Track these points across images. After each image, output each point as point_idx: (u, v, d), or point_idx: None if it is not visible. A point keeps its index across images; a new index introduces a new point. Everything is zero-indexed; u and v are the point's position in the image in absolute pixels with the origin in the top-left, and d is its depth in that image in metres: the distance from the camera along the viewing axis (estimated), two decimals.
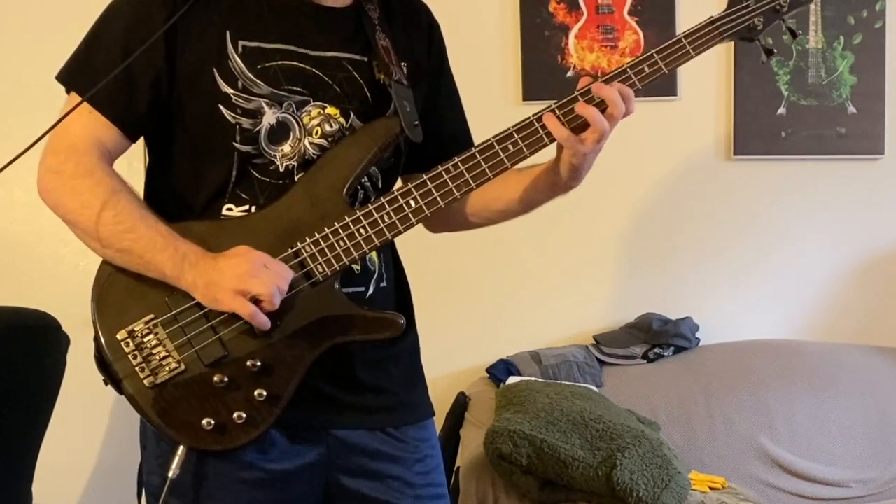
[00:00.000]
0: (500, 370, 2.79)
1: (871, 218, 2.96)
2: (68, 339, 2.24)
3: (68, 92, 1.33)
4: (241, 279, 1.23)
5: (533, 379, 2.68)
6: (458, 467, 2.38)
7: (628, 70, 1.35)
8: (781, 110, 2.93)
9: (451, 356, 2.89)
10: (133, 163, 1.49)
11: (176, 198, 1.36)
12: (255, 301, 1.24)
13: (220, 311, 1.26)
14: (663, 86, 2.92)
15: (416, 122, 1.39)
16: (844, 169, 2.95)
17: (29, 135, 1.28)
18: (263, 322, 1.25)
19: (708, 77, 2.96)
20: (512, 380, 2.68)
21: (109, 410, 2.92)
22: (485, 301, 3.00)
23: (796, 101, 2.92)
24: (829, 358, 2.78)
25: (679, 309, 2.94)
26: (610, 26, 2.94)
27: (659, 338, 2.84)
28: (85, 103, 1.29)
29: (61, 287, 2.83)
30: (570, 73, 2.93)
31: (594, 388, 2.67)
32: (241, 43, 1.32)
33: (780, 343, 2.89)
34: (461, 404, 2.68)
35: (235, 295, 1.23)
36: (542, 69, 2.93)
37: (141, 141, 1.39)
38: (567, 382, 2.66)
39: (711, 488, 2.36)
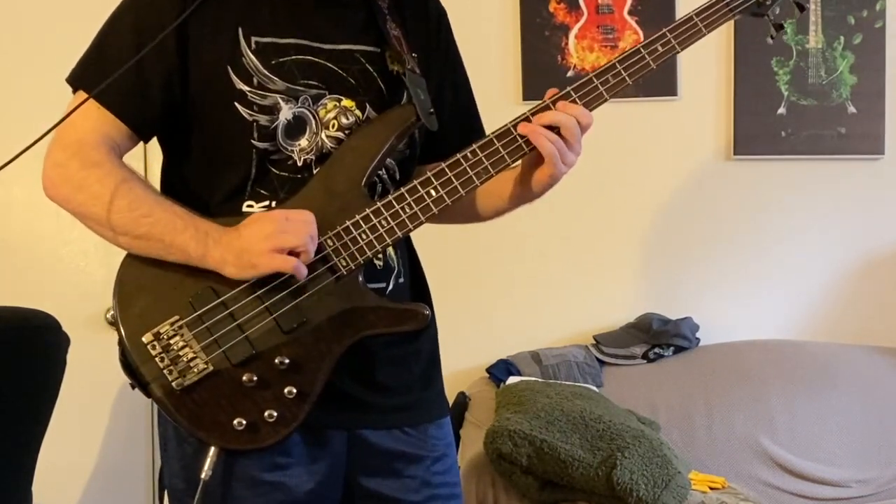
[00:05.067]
0: (500, 370, 2.79)
1: (871, 218, 2.96)
2: (68, 339, 2.24)
3: (76, 92, 1.32)
4: (272, 238, 1.22)
5: (533, 379, 2.68)
6: (459, 467, 2.38)
7: (641, 50, 1.35)
8: (781, 110, 2.93)
9: (451, 356, 2.87)
10: (133, 163, 1.48)
11: (194, 196, 1.34)
12: (293, 255, 1.23)
13: (259, 275, 1.24)
14: (663, 86, 2.92)
15: (431, 111, 1.37)
16: (844, 169, 2.95)
17: (32, 136, 1.27)
18: (304, 273, 1.24)
19: (708, 77, 2.96)
20: (512, 380, 2.68)
21: (110, 410, 2.92)
22: (485, 301, 3.00)
23: (796, 101, 2.92)
24: (829, 358, 2.78)
25: (679, 309, 2.94)
26: (610, 26, 2.94)
27: (659, 338, 2.84)
28: (97, 104, 1.28)
29: (61, 287, 2.83)
30: (570, 73, 2.93)
31: (594, 388, 2.67)
32: (254, 39, 1.31)
33: (780, 343, 2.89)
34: (461, 404, 2.68)
35: (273, 254, 1.22)
36: (542, 69, 2.93)
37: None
38: (567, 382, 2.66)
39: (711, 488, 2.36)
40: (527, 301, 3.00)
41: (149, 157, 2.44)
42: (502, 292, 3.00)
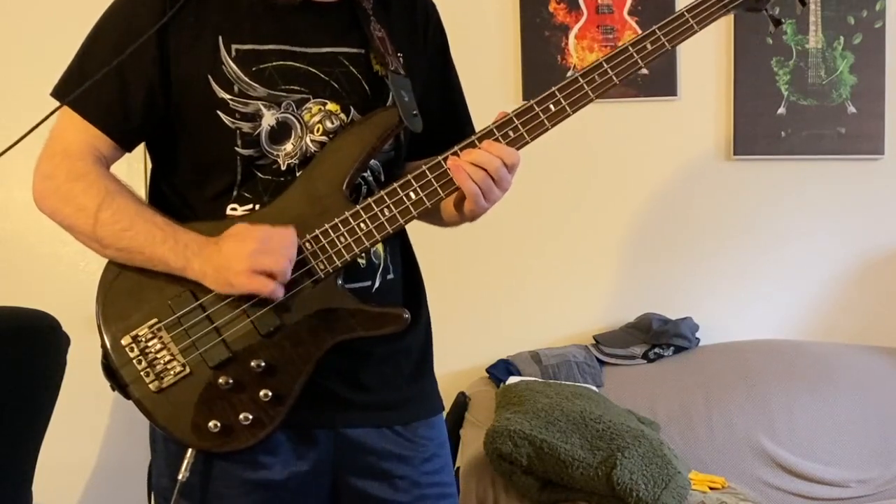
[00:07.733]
0: (500, 370, 2.79)
1: (871, 218, 2.96)
2: (68, 339, 2.24)
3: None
4: (252, 258, 1.22)
5: (533, 379, 2.68)
6: (458, 467, 2.38)
7: (630, 48, 1.32)
8: (781, 110, 2.93)
9: (451, 356, 2.89)
10: (133, 164, 1.49)
11: (182, 201, 1.36)
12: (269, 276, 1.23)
13: (237, 294, 1.25)
14: (663, 86, 2.92)
15: (416, 112, 1.36)
16: (844, 169, 2.95)
17: (29, 140, 1.28)
18: (280, 295, 1.25)
19: (708, 77, 2.96)
20: (512, 380, 2.68)
21: (109, 410, 2.92)
22: (485, 301, 3.00)
23: (796, 101, 2.92)
24: (829, 358, 2.78)
25: (679, 309, 2.94)
26: (610, 26, 2.94)
27: (659, 338, 2.84)
28: (81, 116, 1.29)
29: (61, 287, 2.83)
30: (570, 73, 2.93)
31: (594, 388, 2.67)
32: (234, 46, 1.31)
33: (780, 343, 2.89)
34: (461, 404, 2.68)
35: (251, 275, 1.22)
36: (542, 69, 2.93)
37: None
38: (567, 382, 2.66)
39: (711, 488, 2.36)
40: (527, 301, 3.00)
41: (149, 158, 2.43)
42: (502, 292, 3.00)
